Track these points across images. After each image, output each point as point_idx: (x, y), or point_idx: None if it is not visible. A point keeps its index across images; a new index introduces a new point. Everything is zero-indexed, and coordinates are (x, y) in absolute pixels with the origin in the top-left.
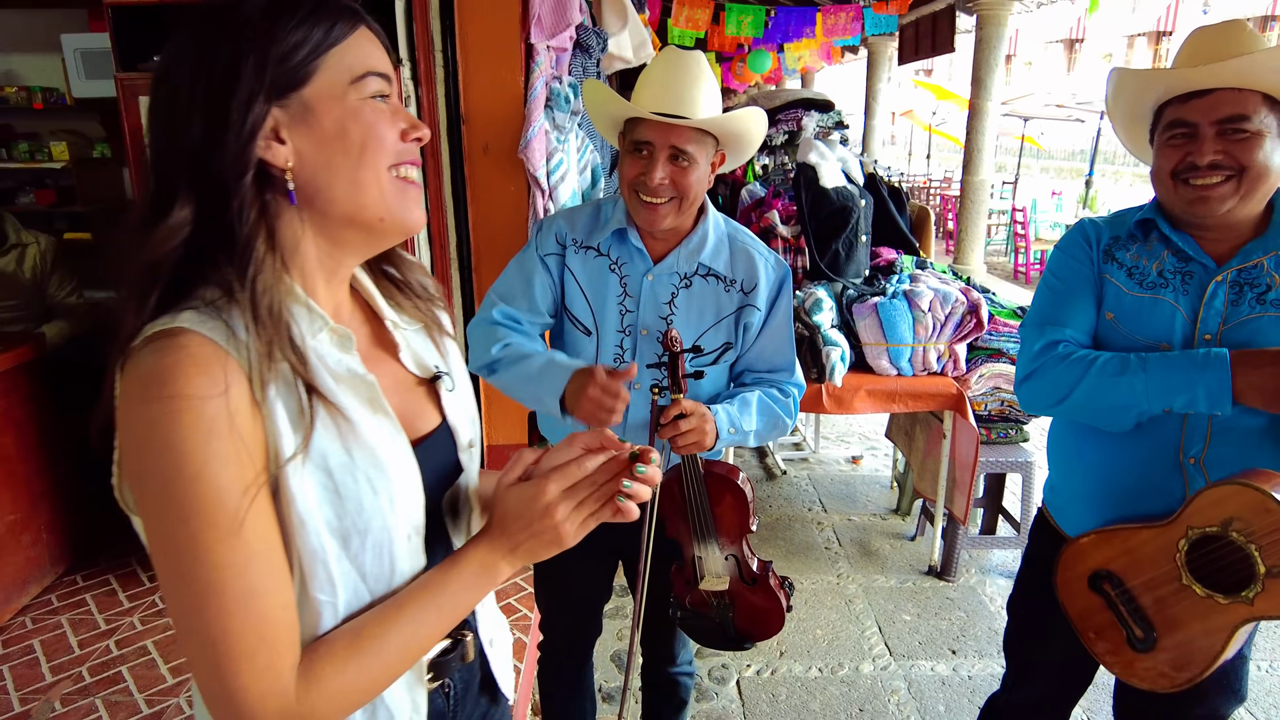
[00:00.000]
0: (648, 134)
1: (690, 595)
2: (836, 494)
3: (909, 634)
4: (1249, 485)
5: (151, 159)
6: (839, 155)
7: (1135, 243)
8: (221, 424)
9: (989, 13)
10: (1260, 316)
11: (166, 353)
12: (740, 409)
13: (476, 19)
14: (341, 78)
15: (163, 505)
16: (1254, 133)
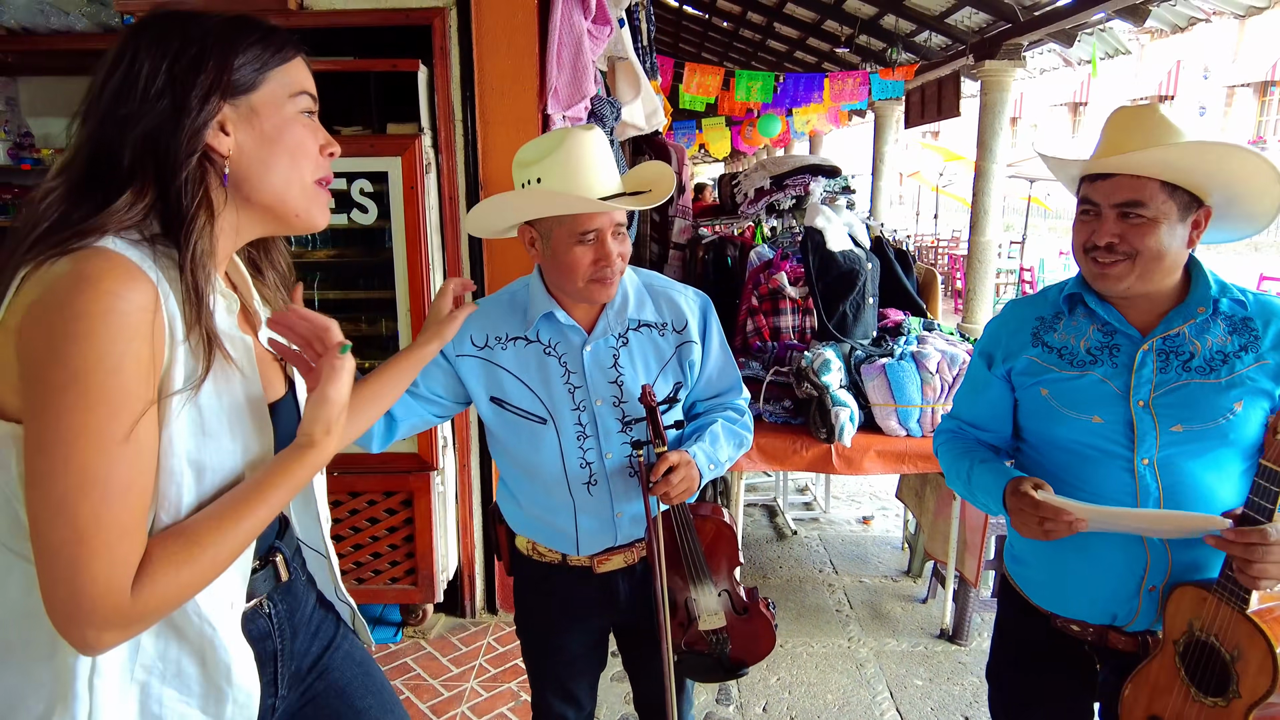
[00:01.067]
0: (596, 222)
1: (686, 636)
2: (848, 555)
3: (921, 699)
4: (1188, 583)
5: (96, 122)
6: (845, 219)
7: (1061, 320)
8: (144, 334)
9: (992, 79)
10: (1188, 383)
11: (98, 260)
12: (712, 443)
13: (495, 91)
14: (283, 91)
15: (70, 392)
16: (1150, 219)
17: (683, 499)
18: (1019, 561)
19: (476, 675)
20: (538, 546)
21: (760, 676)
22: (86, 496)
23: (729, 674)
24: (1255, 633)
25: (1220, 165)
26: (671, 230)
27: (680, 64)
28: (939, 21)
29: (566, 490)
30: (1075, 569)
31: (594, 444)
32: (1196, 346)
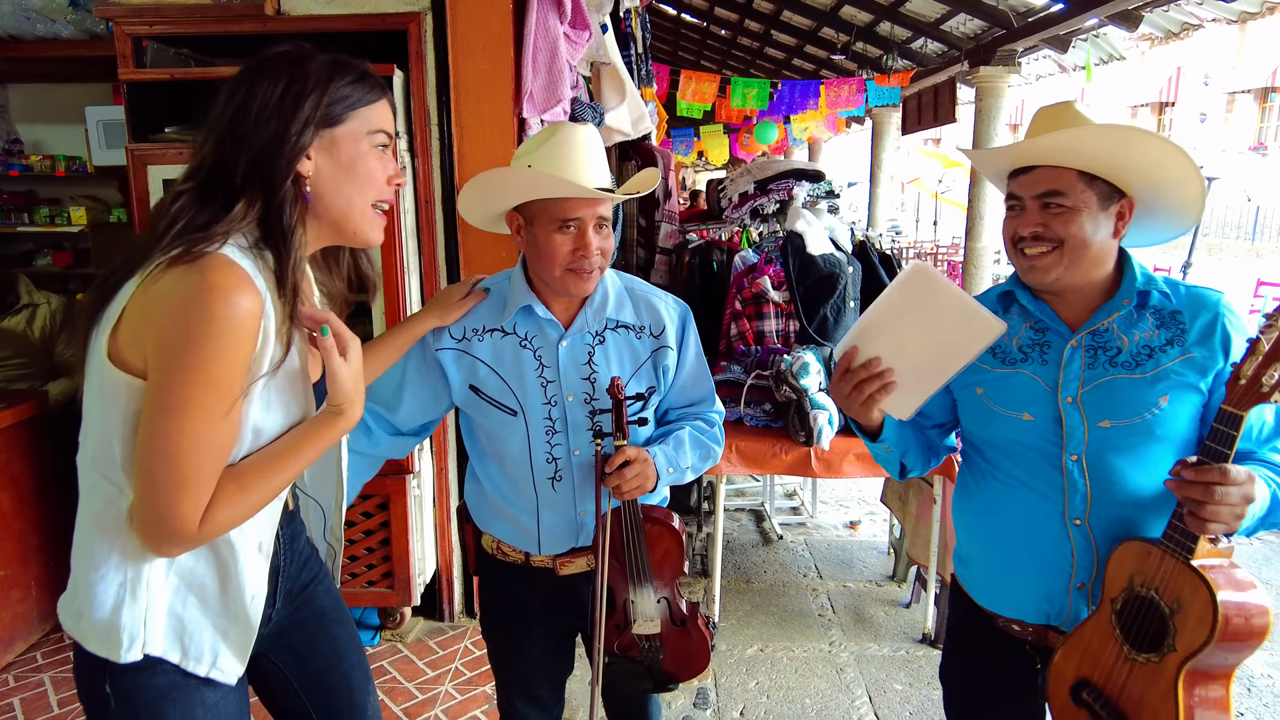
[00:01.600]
0: (579, 210)
1: (619, 640)
2: (833, 560)
3: (900, 704)
4: (1133, 538)
5: (218, 139)
6: (826, 224)
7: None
8: (251, 336)
9: (987, 84)
10: (1115, 378)
11: (228, 270)
12: (675, 448)
13: (471, 95)
14: (362, 128)
15: (195, 375)
16: (1070, 207)
17: (634, 495)
18: (964, 562)
19: (452, 678)
20: (502, 546)
21: (739, 680)
22: (193, 454)
23: (658, 686)
24: (1199, 582)
25: (1127, 148)
26: (658, 235)
27: (676, 71)
28: (934, 28)
29: (531, 485)
30: (1010, 569)
31: (562, 439)
32: (1124, 341)
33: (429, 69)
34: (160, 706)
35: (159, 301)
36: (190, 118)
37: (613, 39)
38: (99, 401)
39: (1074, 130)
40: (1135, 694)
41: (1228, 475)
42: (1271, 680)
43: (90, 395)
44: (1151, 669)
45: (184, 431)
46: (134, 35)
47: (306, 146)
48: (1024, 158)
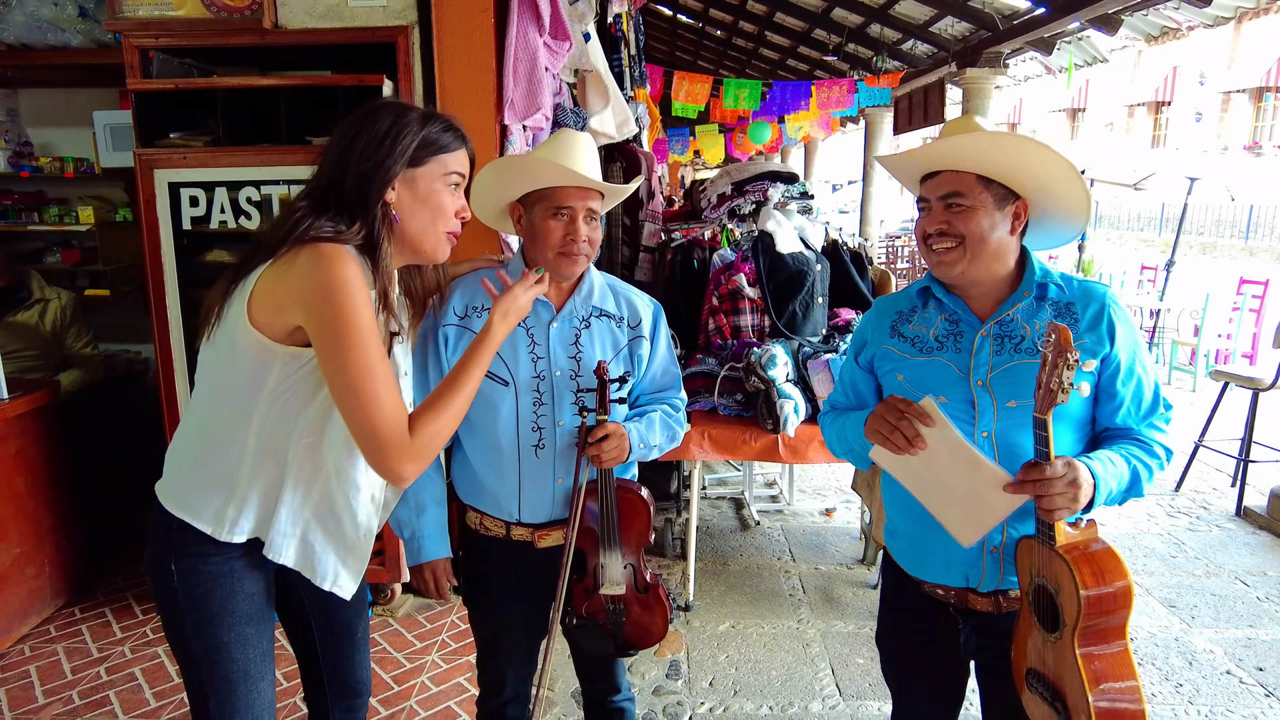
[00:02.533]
0: (570, 199)
1: (587, 603)
2: (807, 544)
3: (861, 676)
4: (1025, 536)
5: (331, 165)
6: (797, 224)
7: (916, 313)
8: (365, 289)
9: (974, 85)
10: (1019, 363)
11: (343, 252)
12: (647, 427)
13: (456, 103)
14: (439, 170)
15: (348, 327)
16: (969, 206)
17: (612, 464)
18: (893, 534)
19: (438, 649)
20: (485, 520)
21: (709, 654)
22: (371, 375)
23: (619, 651)
24: (1063, 564)
25: (1012, 155)
26: (642, 234)
27: (670, 73)
28: (923, 30)
29: (515, 453)
30: (932, 537)
31: (548, 410)
32: (1027, 330)
33: (416, 79)
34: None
35: (299, 274)
36: (193, 123)
37: (597, 46)
38: (230, 346)
39: (966, 136)
40: (1058, 670)
41: (1043, 471)
42: (1213, 655)
43: (220, 346)
44: (1059, 645)
45: (356, 358)
46: (141, 47)
47: (392, 180)
48: (927, 161)
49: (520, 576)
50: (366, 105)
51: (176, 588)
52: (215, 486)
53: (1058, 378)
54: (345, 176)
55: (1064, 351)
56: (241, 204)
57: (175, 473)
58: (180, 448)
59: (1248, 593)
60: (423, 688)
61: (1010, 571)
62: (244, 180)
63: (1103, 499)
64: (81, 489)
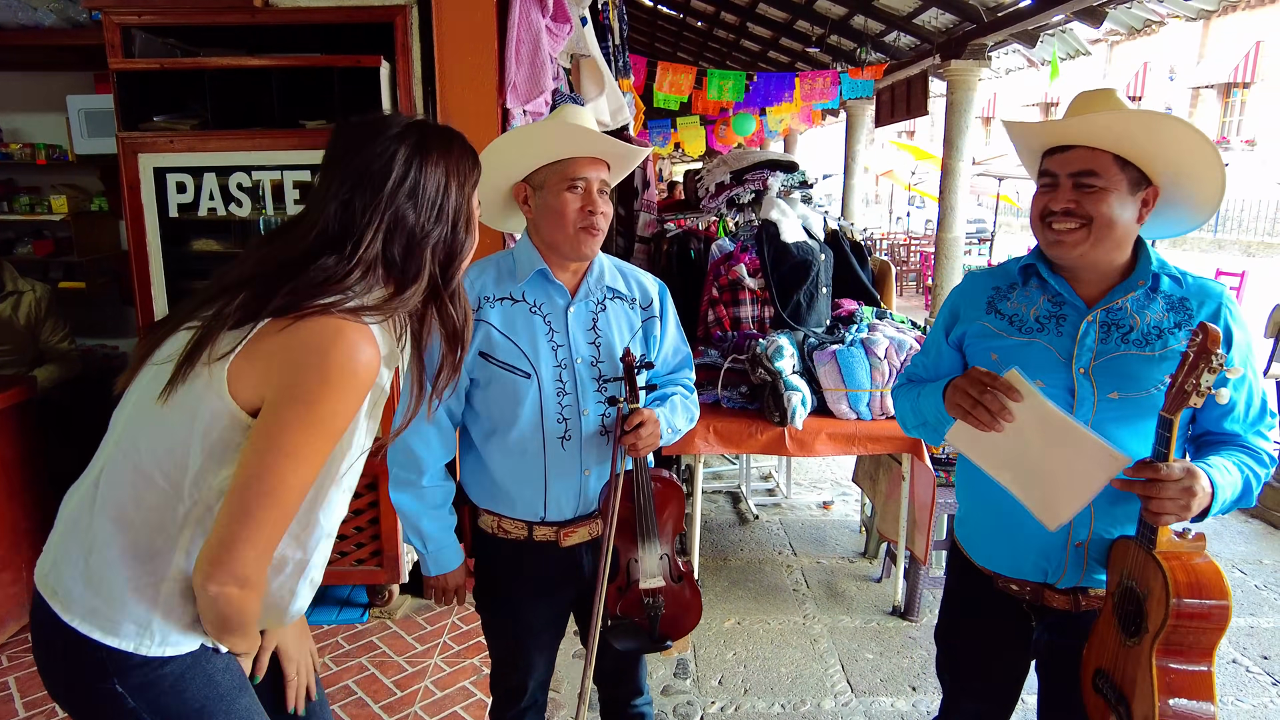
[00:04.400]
0: (584, 170)
1: (622, 601)
2: (807, 537)
3: (871, 671)
4: (1123, 536)
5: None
6: (800, 212)
7: (1016, 290)
8: (363, 393)
9: (958, 78)
10: (1125, 354)
11: (361, 334)
12: (671, 411)
13: (456, 86)
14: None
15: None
16: (1102, 187)
17: (646, 451)
18: (965, 525)
19: (440, 652)
20: (503, 523)
21: (716, 651)
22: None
23: (654, 645)
24: (1157, 569)
25: (1156, 135)
26: (637, 224)
27: (653, 63)
28: (907, 22)
29: (541, 447)
30: (1012, 528)
31: (572, 400)
32: (1136, 320)
33: (415, 61)
34: (182, 685)
35: (293, 344)
36: (179, 106)
37: (592, 31)
38: (193, 414)
39: (1116, 112)
40: (1130, 674)
41: (1159, 472)
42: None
43: (181, 405)
44: (1136, 650)
45: (294, 473)
46: (123, 24)
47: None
48: (1065, 136)
49: (542, 580)
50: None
51: (136, 709)
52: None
53: (1195, 379)
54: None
55: (1209, 353)
56: (232, 190)
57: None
58: (85, 540)
59: (1245, 581)
60: (427, 692)
61: (1093, 570)
62: (234, 165)
63: (1217, 509)
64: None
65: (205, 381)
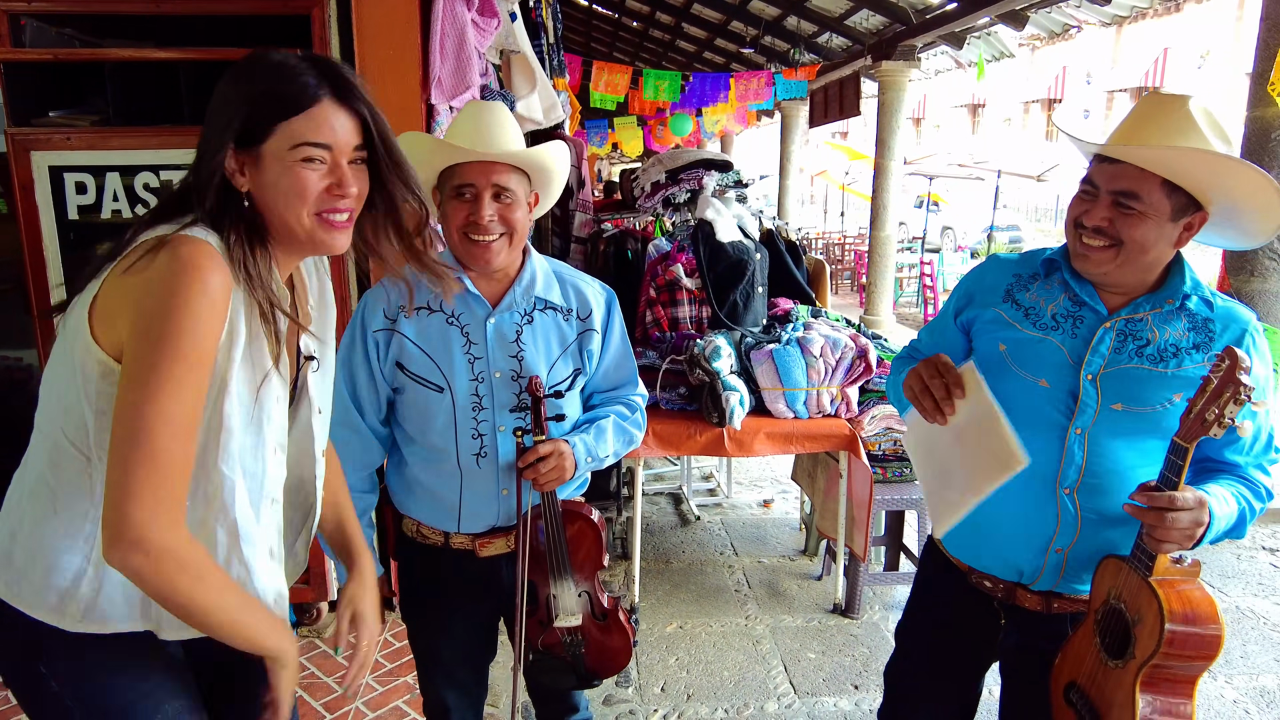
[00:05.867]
0: (469, 176)
1: (543, 636)
2: (748, 537)
3: (813, 671)
4: (1112, 555)
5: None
6: (734, 212)
7: (1037, 281)
8: (219, 314)
9: (889, 79)
10: (1136, 368)
11: (196, 245)
12: (596, 437)
13: (378, 81)
14: (285, 143)
15: (162, 339)
16: (1140, 211)
17: (551, 486)
18: None
19: (371, 671)
20: (421, 528)
21: (659, 657)
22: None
23: (581, 682)
24: (1152, 596)
25: (1220, 177)
26: (573, 224)
27: (589, 63)
28: (838, 23)
29: (456, 462)
30: (993, 524)
31: (488, 415)
32: (1155, 335)
33: (333, 54)
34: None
35: (134, 280)
36: (78, 101)
37: (522, 27)
38: (74, 371)
39: (1180, 151)
40: (1108, 696)
41: (1175, 502)
42: None
43: (62, 362)
44: (1119, 673)
45: (155, 406)
46: (10, 12)
47: (222, 160)
48: (1119, 155)
49: (461, 586)
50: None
51: (60, 694)
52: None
53: (1218, 408)
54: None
55: (1237, 383)
56: (138, 191)
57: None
58: (15, 514)
59: None
60: (358, 714)
61: (1070, 577)
62: (140, 165)
63: (1208, 539)
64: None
65: (75, 332)
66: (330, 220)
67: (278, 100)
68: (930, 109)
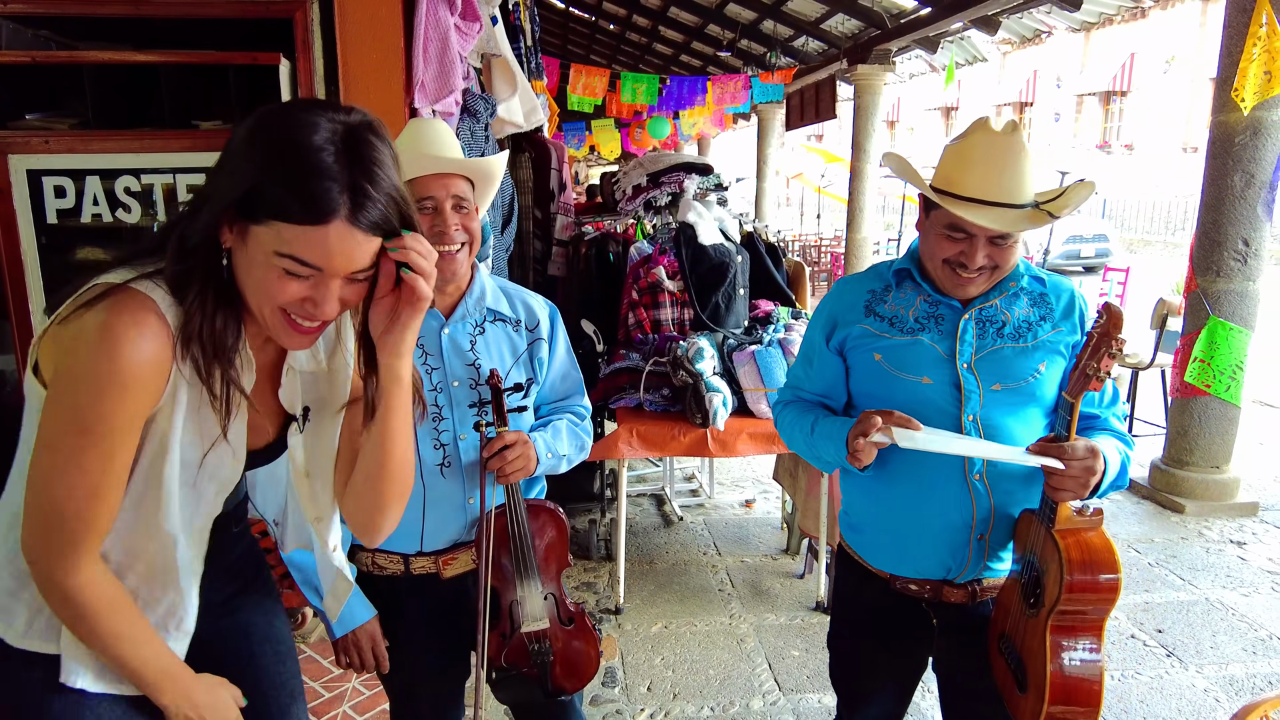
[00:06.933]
0: (430, 188)
1: (507, 649)
2: (730, 537)
3: (798, 669)
4: (1028, 510)
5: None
6: (716, 215)
7: (891, 293)
8: (141, 385)
9: (864, 82)
10: (1003, 348)
11: (132, 315)
12: (553, 435)
13: (361, 84)
14: (272, 242)
15: (70, 408)
16: (1014, 242)
17: (517, 478)
18: (856, 529)
19: (358, 675)
20: (377, 558)
21: (645, 657)
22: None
23: (549, 697)
24: (1054, 547)
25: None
26: (554, 227)
27: (566, 65)
28: (815, 27)
29: (419, 474)
30: (913, 528)
31: (449, 425)
32: (1007, 316)
33: (316, 58)
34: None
35: (65, 332)
36: (56, 104)
37: (503, 31)
38: (31, 401)
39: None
40: (1027, 643)
41: (1064, 451)
42: (1117, 620)
43: (29, 393)
44: (1034, 621)
45: (57, 473)
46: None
47: (219, 224)
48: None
49: (427, 616)
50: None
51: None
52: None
53: (1096, 363)
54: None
55: (1111, 337)
56: (119, 195)
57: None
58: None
59: (1140, 559)
60: (345, 718)
61: (992, 559)
62: (120, 169)
63: (1104, 489)
64: None
65: (29, 367)
66: (296, 324)
67: (283, 195)
68: (905, 112)
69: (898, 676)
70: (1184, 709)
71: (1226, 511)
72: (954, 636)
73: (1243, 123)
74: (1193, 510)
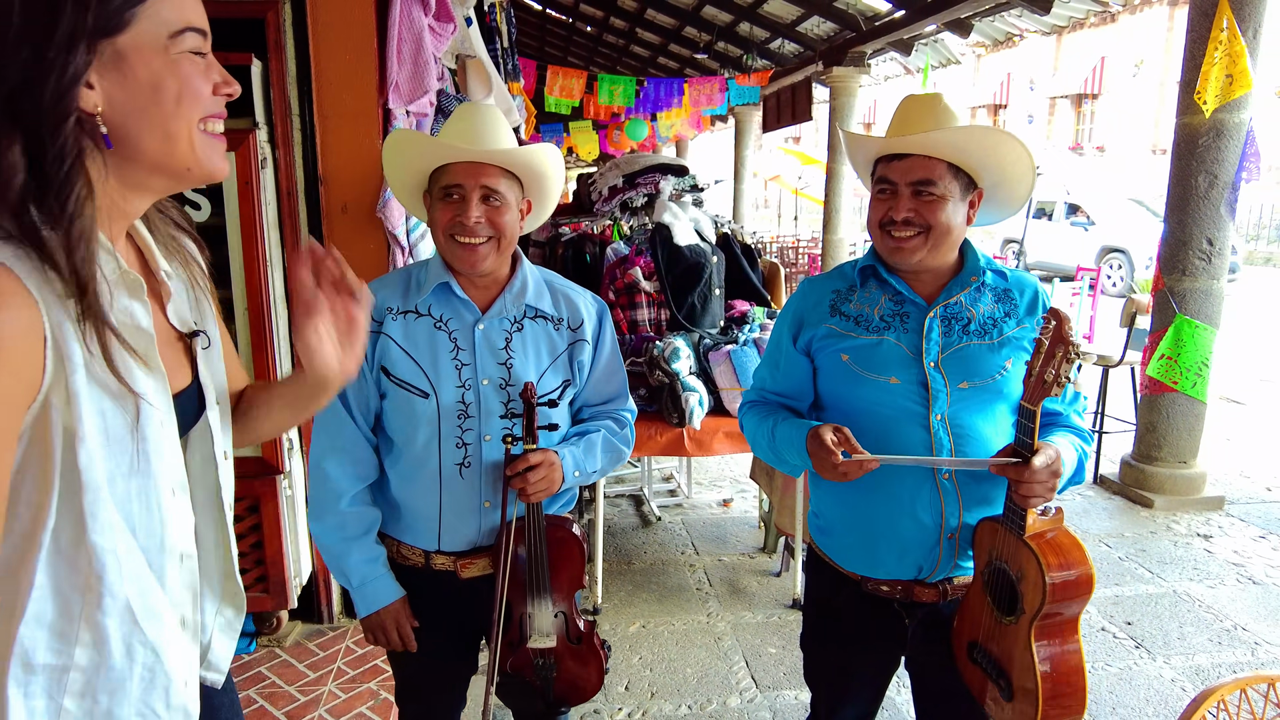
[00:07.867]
0: (458, 176)
1: (514, 658)
2: (708, 536)
3: (774, 666)
4: (987, 518)
5: None
6: (691, 215)
7: (856, 292)
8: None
9: (840, 84)
10: (968, 345)
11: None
12: (585, 451)
13: (334, 85)
14: (160, 30)
15: None
16: (939, 195)
17: (539, 498)
18: (826, 532)
19: (335, 678)
20: (402, 548)
21: (623, 657)
22: None
23: (549, 710)
24: (1030, 554)
25: (994, 149)
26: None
27: (543, 67)
28: (791, 29)
29: (436, 473)
30: (883, 529)
31: (474, 424)
32: (972, 313)
33: (289, 59)
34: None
35: None
36: None
37: (478, 32)
38: None
39: (965, 129)
40: (1007, 650)
41: (1031, 464)
42: (1088, 614)
43: None
44: (1014, 628)
45: None
46: None
47: (81, 72)
48: (912, 147)
49: (443, 609)
50: None
51: None
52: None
53: (1054, 369)
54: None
55: (1065, 340)
56: None
57: None
58: None
59: (1110, 554)
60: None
61: (961, 558)
62: None
63: (1061, 488)
64: None
65: None
66: (213, 132)
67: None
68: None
69: (871, 677)
70: (1152, 699)
71: (1194, 506)
72: (928, 634)
73: (1205, 125)
74: (1161, 505)
